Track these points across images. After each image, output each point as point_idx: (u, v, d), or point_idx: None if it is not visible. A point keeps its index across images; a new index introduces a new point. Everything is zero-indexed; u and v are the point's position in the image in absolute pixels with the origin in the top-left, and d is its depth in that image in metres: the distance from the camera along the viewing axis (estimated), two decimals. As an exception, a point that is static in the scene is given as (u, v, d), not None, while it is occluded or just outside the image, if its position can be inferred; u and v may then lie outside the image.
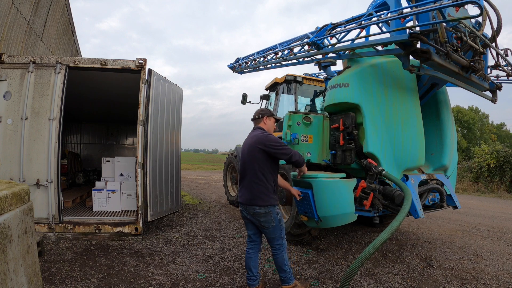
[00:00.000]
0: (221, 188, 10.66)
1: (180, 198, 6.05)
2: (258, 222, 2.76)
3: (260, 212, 2.70)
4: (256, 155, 2.72)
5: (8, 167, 4.13)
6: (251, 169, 2.74)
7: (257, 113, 2.99)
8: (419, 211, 3.30)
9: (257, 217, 2.74)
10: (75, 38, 9.81)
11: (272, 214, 2.72)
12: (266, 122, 2.94)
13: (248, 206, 2.75)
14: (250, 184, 2.74)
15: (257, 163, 2.71)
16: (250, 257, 2.87)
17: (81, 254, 3.76)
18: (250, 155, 2.76)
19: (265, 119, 2.94)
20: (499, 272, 3.62)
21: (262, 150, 2.70)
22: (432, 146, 3.98)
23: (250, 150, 2.77)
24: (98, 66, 4.45)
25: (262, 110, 3.01)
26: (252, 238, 2.91)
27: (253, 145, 2.75)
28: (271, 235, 2.77)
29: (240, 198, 2.86)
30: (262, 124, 2.94)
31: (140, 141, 4.47)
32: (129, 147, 10.43)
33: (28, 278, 1.56)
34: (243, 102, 7.14)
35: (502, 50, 3.49)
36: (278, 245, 2.78)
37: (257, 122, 2.99)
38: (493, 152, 13.22)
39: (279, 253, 2.78)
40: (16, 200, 1.53)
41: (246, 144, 2.87)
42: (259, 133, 2.80)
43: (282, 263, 2.78)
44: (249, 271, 2.85)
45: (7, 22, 5.33)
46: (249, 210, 2.75)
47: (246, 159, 2.81)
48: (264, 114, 2.95)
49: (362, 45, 3.27)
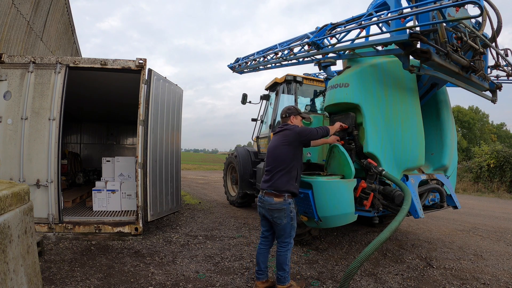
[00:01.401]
0: (221, 188, 10.66)
1: (180, 198, 6.05)
2: (271, 217, 2.83)
3: (275, 207, 2.77)
4: (284, 146, 2.85)
5: (8, 167, 4.13)
6: (276, 160, 2.85)
7: (284, 112, 3.12)
8: (419, 211, 3.30)
9: (271, 212, 2.81)
10: (75, 38, 9.82)
11: (286, 211, 2.79)
12: (293, 121, 3.06)
13: (265, 197, 2.83)
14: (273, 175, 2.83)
15: (283, 153, 2.84)
16: (261, 252, 2.98)
17: (81, 254, 3.76)
18: (279, 148, 2.87)
19: (292, 118, 3.07)
20: (499, 272, 3.62)
21: (291, 137, 2.85)
22: (432, 146, 3.97)
23: (280, 141, 2.90)
24: (98, 66, 4.45)
25: (289, 109, 3.13)
26: (265, 234, 3.01)
27: (284, 138, 2.89)
28: (281, 232, 2.84)
29: (261, 186, 2.95)
30: (290, 122, 3.07)
31: (140, 141, 4.47)
32: (129, 147, 10.43)
33: (28, 278, 1.56)
34: (243, 102, 7.13)
35: (502, 50, 3.49)
36: (285, 243, 2.84)
37: (284, 120, 3.12)
38: (493, 152, 13.23)
39: (283, 251, 2.83)
40: (16, 200, 1.53)
41: (274, 140, 2.98)
42: (287, 126, 2.97)
43: (283, 261, 2.82)
44: (258, 265, 2.96)
45: (7, 22, 5.33)
46: (266, 203, 2.83)
47: (275, 147, 2.91)
48: (290, 114, 3.08)
49: (362, 45, 3.27)
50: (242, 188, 7.02)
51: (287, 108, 3.16)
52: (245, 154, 7.10)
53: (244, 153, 7.14)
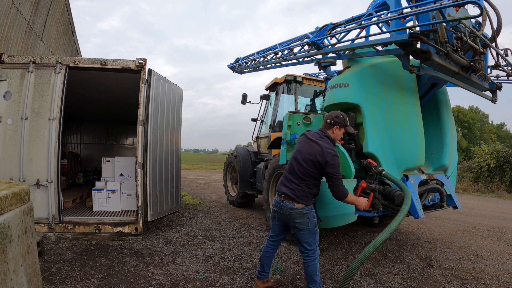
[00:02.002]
0: (221, 188, 10.66)
1: (180, 198, 6.05)
2: (293, 223, 2.62)
3: (296, 212, 2.59)
4: (309, 163, 2.61)
5: (8, 167, 4.13)
6: (301, 171, 2.63)
7: (331, 118, 2.78)
8: (419, 211, 3.30)
9: (292, 217, 2.61)
10: (75, 38, 9.82)
11: (309, 216, 2.62)
12: (335, 132, 2.78)
13: (285, 202, 2.63)
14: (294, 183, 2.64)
15: (308, 169, 2.61)
16: (267, 255, 2.90)
17: (81, 254, 3.76)
18: (305, 161, 2.63)
19: (335, 128, 2.77)
20: (499, 272, 3.62)
21: (317, 161, 2.58)
22: (432, 146, 3.98)
23: (310, 154, 2.63)
24: (98, 66, 4.45)
25: (337, 117, 2.78)
26: (275, 238, 2.89)
27: (314, 154, 2.60)
28: (305, 239, 2.63)
29: (279, 189, 2.73)
30: (331, 132, 2.78)
31: (140, 141, 4.47)
32: (129, 147, 10.43)
33: (28, 278, 1.56)
34: (243, 102, 7.14)
35: (502, 50, 3.49)
36: (311, 251, 2.63)
37: (326, 126, 2.81)
38: (493, 152, 13.23)
39: (311, 261, 2.63)
40: (16, 200, 1.54)
41: (308, 144, 2.71)
42: (326, 145, 2.63)
43: (313, 272, 2.63)
44: (261, 267, 2.91)
45: (7, 22, 5.33)
46: (285, 208, 2.63)
47: (302, 158, 2.66)
48: (336, 123, 2.76)
49: (362, 45, 3.27)
50: (242, 188, 7.02)
51: (335, 115, 2.79)
52: (245, 154, 7.11)
53: (244, 153, 7.14)
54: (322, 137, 2.73)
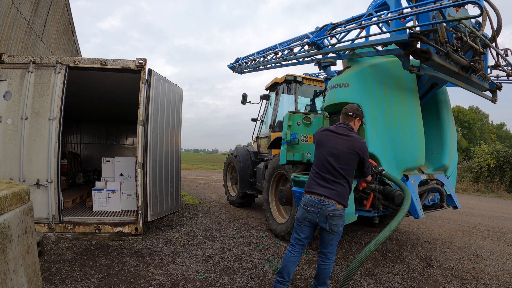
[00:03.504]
0: (221, 188, 10.66)
1: (180, 198, 6.05)
2: (328, 225, 2.52)
3: (337, 214, 2.50)
4: (353, 158, 2.60)
5: (8, 167, 4.13)
6: (343, 168, 2.57)
7: (353, 111, 2.78)
8: (419, 211, 3.30)
9: (330, 219, 2.50)
10: (75, 38, 9.81)
11: (343, 219, 2.58)
12: (356, 124, 2.81)
13: (326, 201, 2.50)
14: (336, 182, 2.56)
15: (351, 165, 2.60)
16: (292, 260, 2.62)
17: (81, 254, 3.76)
18: (346, 156, 2.58)
19: (357, 120, 2.80)
20: (499, 272, 3.62)
21: (359, 156, 2.61)
22: (432, 146, 3.98)
23: (350, 149, 2.59)
24: (98, 66, 4.45)
25: (358, 109, 2.82)
26: (304, 242, 2.66)
27: (351, 147, 2.59)
28: (332, 241, 2.60)
29: (315, 190, 2.58)
30: (353, 124, 2.79)
31: (140, 141, 4.47)
32: (129, 147, 10.43)
33: (28, 278, 1.56)
34: (243, 102, 7.14)
35: (502, 50, 3.49)
36: (332, 253, 2.64)
37: (348, 119, 2.78)
38: (493, 152, 13.23)
39: (330, 263, 2.64)
40: (16, 200, 1.53)
41: (342, 139, 2.64)
42: (356, 136, 2.69)
43: (328, 275, 2.65)
44: (284, 275, 2.60)
45: (7, 22, 5.32)
46: (326, 209, 2.50)
47: (343, 154, 2.59)
48: (357, 116, 2.79)
49: (362, 45, 3.27)
50: (242, 188, 7.02)
51: (356, 108, 2.81)
52: (245, 154, 7.11)
53: (244, 153, 7.14)
54: (351, 129, 2.74)
